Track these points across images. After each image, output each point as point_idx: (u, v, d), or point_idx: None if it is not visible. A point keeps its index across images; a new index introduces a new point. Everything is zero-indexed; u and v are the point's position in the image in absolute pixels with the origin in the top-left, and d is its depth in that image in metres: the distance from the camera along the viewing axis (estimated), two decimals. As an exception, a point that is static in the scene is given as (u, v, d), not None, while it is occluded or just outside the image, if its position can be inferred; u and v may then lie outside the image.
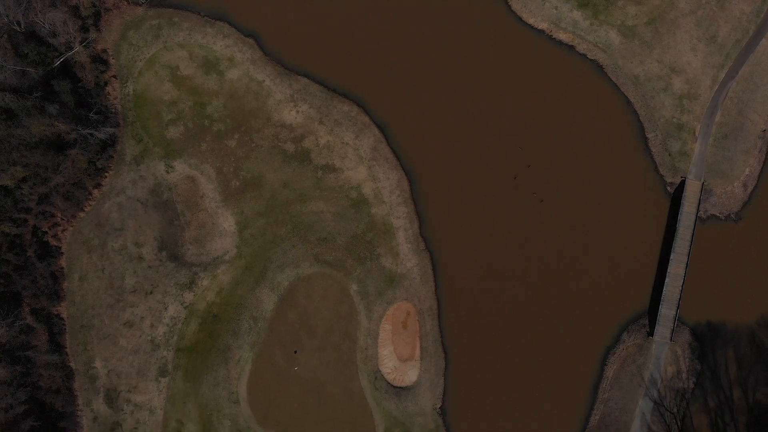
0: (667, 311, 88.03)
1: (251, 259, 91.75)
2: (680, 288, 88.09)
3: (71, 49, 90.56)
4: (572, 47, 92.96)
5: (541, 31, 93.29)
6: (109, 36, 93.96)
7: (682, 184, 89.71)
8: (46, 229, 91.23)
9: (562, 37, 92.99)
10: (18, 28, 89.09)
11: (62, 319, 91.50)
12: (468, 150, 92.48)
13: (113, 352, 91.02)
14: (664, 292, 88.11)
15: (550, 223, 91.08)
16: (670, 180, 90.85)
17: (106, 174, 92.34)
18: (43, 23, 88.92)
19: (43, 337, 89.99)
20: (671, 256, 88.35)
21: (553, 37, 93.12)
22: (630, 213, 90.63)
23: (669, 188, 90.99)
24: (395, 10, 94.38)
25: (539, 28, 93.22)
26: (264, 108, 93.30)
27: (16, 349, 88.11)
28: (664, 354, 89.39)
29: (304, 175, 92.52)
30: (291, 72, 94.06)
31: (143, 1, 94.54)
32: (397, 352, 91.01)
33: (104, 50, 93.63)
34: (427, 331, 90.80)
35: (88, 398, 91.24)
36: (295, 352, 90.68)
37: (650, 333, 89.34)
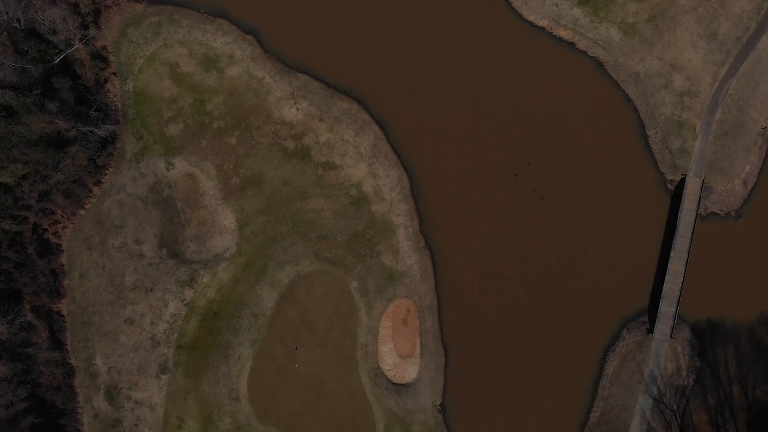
0: (667, 308, 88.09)
1: (251, 257, 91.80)
2: (680, 285, 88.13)
3: (71, 46, 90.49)
4: (572, 44, 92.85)
5: (542, 28, 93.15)
6: (109, 33, 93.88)
7: (683, 181, 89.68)
8: (47, 227, 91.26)
9: (563, 34, 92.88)
10: (18, 26, 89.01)
11: (63, 316, 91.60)
12: (468, 147, 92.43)
13: (114, 349, 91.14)
14: (664, 289, 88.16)
15: (551, 220, 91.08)
16: (670, 177, 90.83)
17: (106, 171, 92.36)
18: (43, 20, 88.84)
19: (43, 334, 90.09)
20: (671, 254, 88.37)
21: (554, 34, 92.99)
22: (630, 210, 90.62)
23: (669, 185, 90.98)
24: (395, 8, 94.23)
25: (539, 25, 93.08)
26: (264, 105, 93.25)
27: (17, 346, 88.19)
28: (664, 351, 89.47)
29: (305, 172, 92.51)
30: (291, 69, 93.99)
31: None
32: (397, 349, 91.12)
33: (104, 47, 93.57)
34: (427, 328, 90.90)
35: (89, 395, 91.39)
36: (296, 349, 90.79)
37: (650, 330, 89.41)
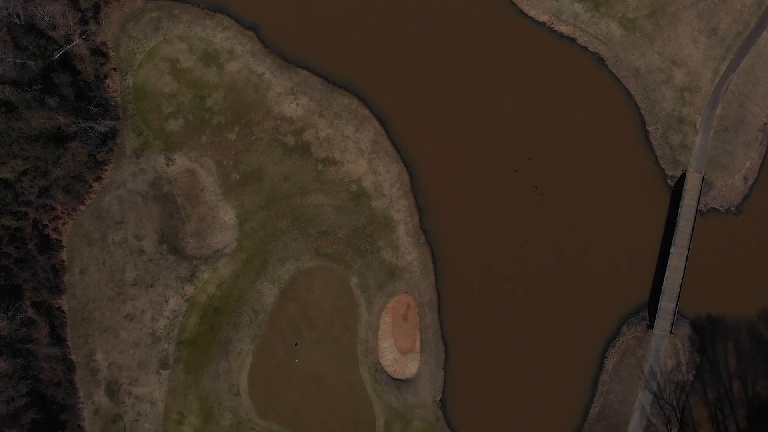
0: (667, 304, 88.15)
1: (252, 252, 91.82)
2: (680, 281, 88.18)
3: (71, 41, 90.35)
4: (573, 40, 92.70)
5: (542, 24, 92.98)
6: (109, 28, 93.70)
7: (683, 177, 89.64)
8: (47, 222, 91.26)
9: (563, 29, 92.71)
10: (17, 21, 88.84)
11: (63, 312, 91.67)
12: (468, 143, 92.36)
13: (114, 345, 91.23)
14: (664, 285, 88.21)
15: (551, 217, 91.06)
16: (670, 173, 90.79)
17: (106, 167, 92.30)
18: (43, 16, 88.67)
19: (44, 330, 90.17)
20: (671, 249, 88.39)
21: (554, 29, 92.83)
22: (630, 206, 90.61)
23: (669, 181, 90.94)
24: (395, 3, 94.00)
25: (540, 20, 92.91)
26: (264, 101, 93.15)
27: (17, 341, 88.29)
28: (664, 347, 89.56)
29: (305, 168, 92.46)
30: (291, 64, 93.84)
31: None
32: (397, 344, 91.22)
33: (104, 43, 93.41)
34: (428, 324, 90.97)
35: (90, 391, 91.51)
36: (296, 344, 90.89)
37: (650, 326, 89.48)
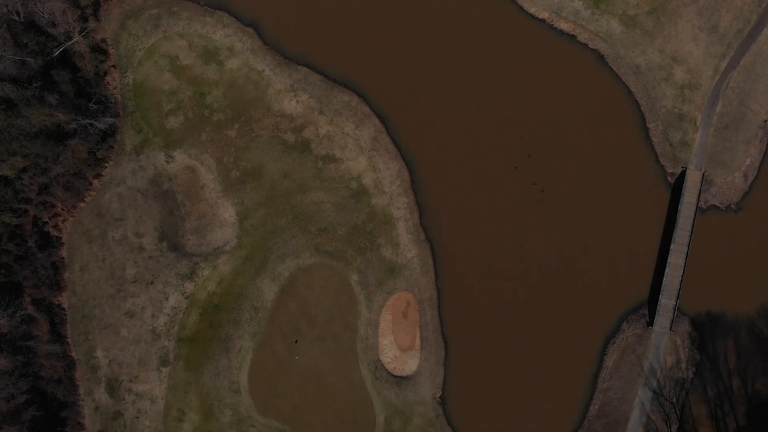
0: (666, 301, 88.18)
1: (252, 250, 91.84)
2: (680, 278, 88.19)
3: (70, 38, 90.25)
4: (573, 37, 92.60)
5: (542, 21, 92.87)
6: (109, 26, 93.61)
7: (683, 174, 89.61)
8: (47, 220, 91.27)
9: (563, 26, 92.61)
10: (17, 18, 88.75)
11: (63, 309, 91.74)
12: (468, 140, 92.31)
13: (114, 342, 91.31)
14: (664, 282, 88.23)
15: (551, 214, 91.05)
16: (670, 170, 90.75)
17: (106, 164, 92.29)
18: (42, 13, 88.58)
19: (44, 327, 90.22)
20: (671, 246, 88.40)
21: (554, 26, 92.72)
22: (630, 203, 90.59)
23: (669, 178, 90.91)
24: (395, 0, 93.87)
25: (540, 17, 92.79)
26: (264, 98, 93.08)
27: (18, 339, 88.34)
28: (664, 344, 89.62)
29: (305, 165, 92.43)
30: (291, 62, 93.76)
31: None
32: (397, 341, 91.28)
33: (103, 40, 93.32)
34: (427, 321, 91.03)
35: (90, 388, 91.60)
36: (296, 341, 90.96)
37: (650, 323, 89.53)
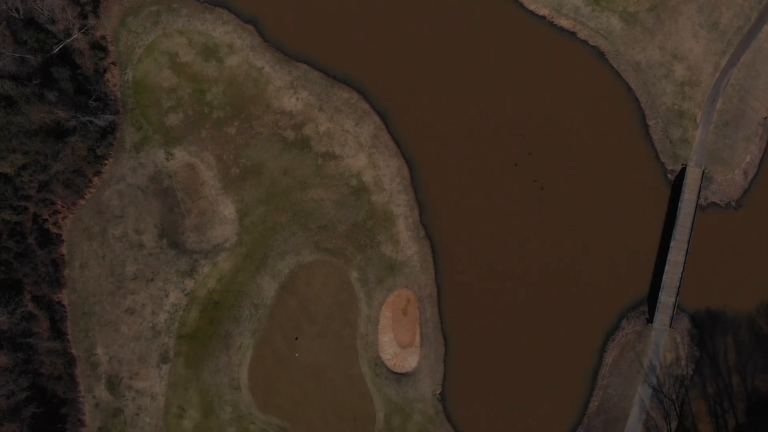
0: (666, 298, 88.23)
1: (252, 247, 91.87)
2: (680, 275, 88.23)
3: (70, 35, 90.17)
4: (573, 34, 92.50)
5: (542, 18, 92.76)
6: (108, 22, 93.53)
7: (683, 171, 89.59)
8: (47, 217, 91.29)
9: (564, 23, 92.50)
10: (17, 15, 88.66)
11: (63, 306, 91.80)
12: (468, 138, 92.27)
13: (114, 339, 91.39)
14: (663, 279, 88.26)
15: (550, 212, 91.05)
16: (670, 167, 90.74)
17: (106, 161, 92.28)
18: (42, 10, 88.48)
19: (44, 324, 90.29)
20: (671, 244, 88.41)
21: (554, 23, 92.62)
22: (630, 200, 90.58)
23: (669, 175, 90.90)
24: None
25: (540, 14, 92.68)
26: (264, 95, 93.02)
27: (18, 336, 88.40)
28: (664, 341, 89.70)
29: (304, 162, 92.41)
30: (291, 58, 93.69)
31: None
32: (397, 338, 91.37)
33: (103, 37, 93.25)
34: (427, 318, 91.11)
35: (90, 385, 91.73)
36: (296, 338, 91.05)
37: (650, 320, 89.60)
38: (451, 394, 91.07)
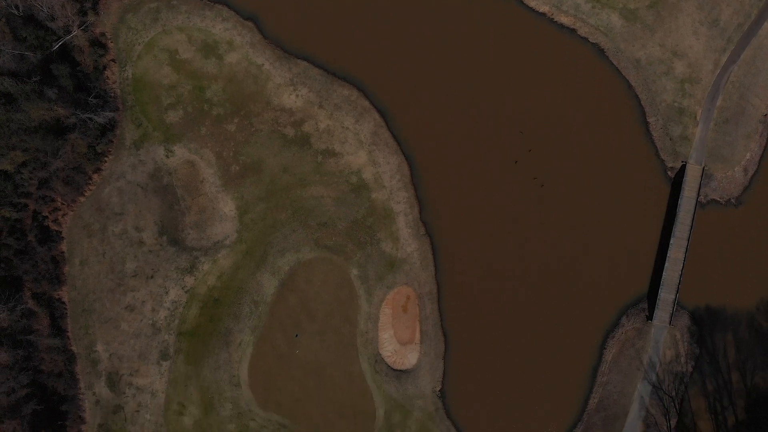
0: (666, 295, 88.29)
1: (252, 244, 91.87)
2: (680, 272, 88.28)
3: (69, 32, 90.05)
4: (574, 31, 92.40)
5: (543, 15, 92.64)
6: (108, 19, 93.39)
7: (683, 168, 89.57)
8: (47, 214, 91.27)
9: (564, 20, 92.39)
10: (16, 12, 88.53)
11: (63, 303, 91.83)
12: (468, 135, 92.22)
13: (115, 336, 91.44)
14: (663, 276, 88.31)
15: (550, 209, 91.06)
16: (670, 164, 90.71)
17: (105, 158, 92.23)
18: (42, 7, 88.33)
19: (44, 321, 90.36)
20: (671, 241, 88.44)
21: (555, 20, 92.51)
22: (630, 197, 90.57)
23: (669, 173, 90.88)
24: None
25: (540, 11, 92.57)
26: (263, 92, 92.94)
27: (18, 333, 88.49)
28: (663, 338, 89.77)
29: (304, 159, 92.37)
30: (290, 55, 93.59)
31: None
32: (397, 335, 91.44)
33: (103, 34, 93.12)
34: (427, 315, 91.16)
35: (90, 382, 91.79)
36: (296, 335, 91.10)
37: (649, 317, 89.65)
38: (451, 390, 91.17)
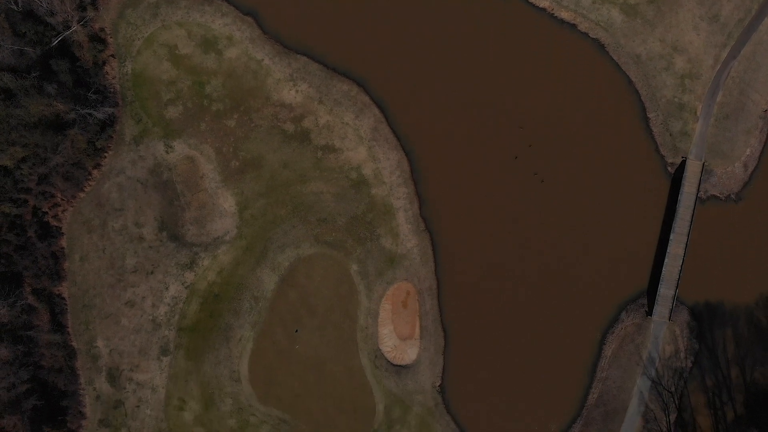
0: (666, 291, 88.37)
1: (252, 240, 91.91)
2: (679, 268, 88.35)
3: (69, 28, 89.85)
4: (574, 26, 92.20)
5: (543, 10, 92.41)
6: (107, 15, 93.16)
7: (683, 164, 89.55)
8: (47, 210, 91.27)
9: (564, 15, 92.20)
10: (15, 7, 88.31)
11: (63, 298, 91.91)
12: (468, 130, 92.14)
13: (115, 332, 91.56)
14: (663, 271, 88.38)
15: (550, 204, 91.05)
16: (670, 160, 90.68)
17: (105, 154, 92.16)
18: (41, 2, 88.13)
19: (44, 317, 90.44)
20: (671, 236, 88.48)
21: (555, 15, 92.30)
22: (630, 193, 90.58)
23: (669, 168, 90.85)
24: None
25: (540, 6, 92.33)
26: (263, 87, 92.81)
27: (18, 328, 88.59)
28: (663, 333, 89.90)
29: (304, 155, 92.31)
30: (290, 51, 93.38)
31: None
32: (397, 331, 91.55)
33: (102, 29, 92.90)
34: (427, 311, 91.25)
35: (91, 377, 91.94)
36: (296, 331, 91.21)
37: (649, 312, 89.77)
38: (451, 386, 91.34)
